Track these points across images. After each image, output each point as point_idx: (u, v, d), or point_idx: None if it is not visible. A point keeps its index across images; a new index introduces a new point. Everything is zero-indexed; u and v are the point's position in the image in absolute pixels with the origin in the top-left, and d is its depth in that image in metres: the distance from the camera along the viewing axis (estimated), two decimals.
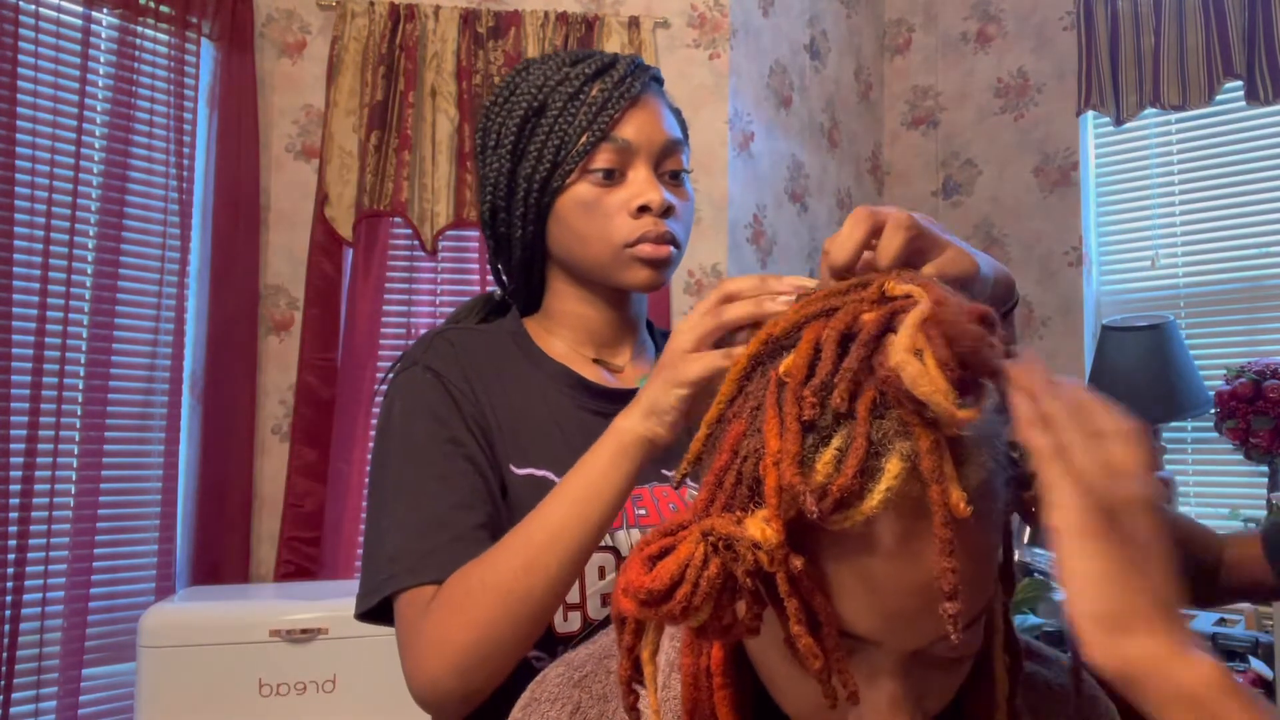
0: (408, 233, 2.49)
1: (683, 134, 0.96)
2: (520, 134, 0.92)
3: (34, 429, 2.03)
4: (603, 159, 0.90)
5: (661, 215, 0.91)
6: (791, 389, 0.46)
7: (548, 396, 0.92)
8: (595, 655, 0.64)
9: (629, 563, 0.45)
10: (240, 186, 2.39)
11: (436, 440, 0.86)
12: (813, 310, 0.51)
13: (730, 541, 0.44)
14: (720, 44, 2.70)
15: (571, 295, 0.96)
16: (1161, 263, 2.79)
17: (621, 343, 0.99)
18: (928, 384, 0.43)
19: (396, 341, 2.49)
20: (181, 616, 1.90)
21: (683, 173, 0.95)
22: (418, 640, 0.77)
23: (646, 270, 0.91)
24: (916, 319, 0.45)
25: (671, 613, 0.43)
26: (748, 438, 0.48)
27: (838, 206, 3.14)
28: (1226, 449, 2.57)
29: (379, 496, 0.87)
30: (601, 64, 0.92)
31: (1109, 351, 2.53)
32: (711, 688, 0.53)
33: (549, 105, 0.91)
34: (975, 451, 0.46)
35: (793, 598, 0.44)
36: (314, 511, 2.37)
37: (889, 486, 0.43)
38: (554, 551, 0.74)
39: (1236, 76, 2.53)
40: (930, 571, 0.44)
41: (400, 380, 0.91)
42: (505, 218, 0.94)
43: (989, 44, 3.13)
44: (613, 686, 0.61)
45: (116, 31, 2.23)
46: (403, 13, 2.47)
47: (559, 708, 0.61)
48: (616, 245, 0.90)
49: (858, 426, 0.44)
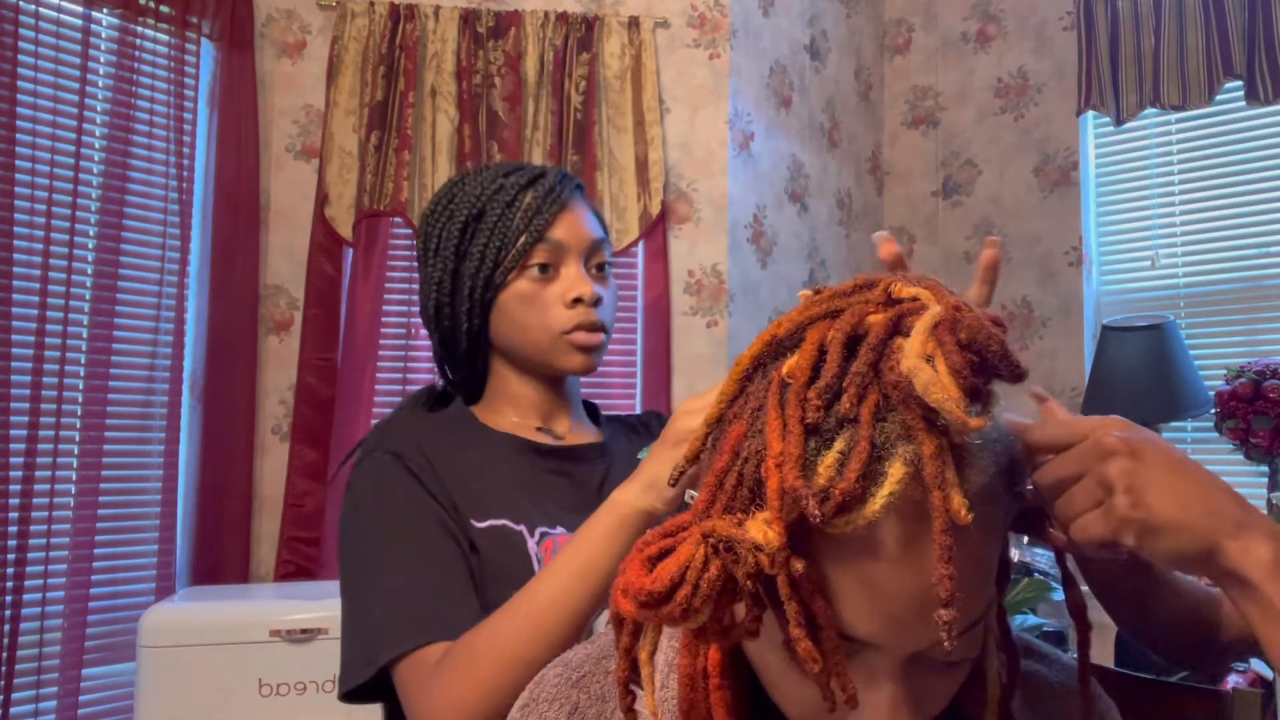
0: (408, 233, 2.49)
1: (604, 232, 1.08)
2: (462, 237, 1.02)
3: (34, 429, 2.03)
4: (539, 257, 1.01)
5: (592, 305, 1.02)
6: (795, 391, 0.46)
7: (501, 460, 1.01)
8: (593, 656, 0.64)
9: (628, 563, 0.45)
10: (240, 186, 2.39)
11: (407, 515, 0.93)
12: (817, 311, 0.51)
13: (731, 543, 0.43)
14: (720, 44, 2.70)
15: (514, 378, 1.06)
16: (1161, 263, 2.79)
17: (561, 414, 1.08)
18: (940, 391, 0.43)
19: (396, 342, 2.49)
20: (181, 616, 1.90)
21: (607, 265, 1.07)
22: (429, 700, 0.82)
23: (580, 356, 1.02)
24: (928, 323, 0.45)
25: (671, 614, 0.43)
26: (749, 439, 0.48)
27: (838, 206, 3.14)
28: (1226, 449, 2.57)
29: (357, 575, 0.93)
30: (532, 175, 1.04)
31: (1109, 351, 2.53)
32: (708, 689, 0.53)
33: (487, 211, 1.02)
34: (977, 456, 0.46)
35: (793, 600, 0.44)
36: (314, 511, 2.37)
37: (891, 491, 0.43)
38: (555, 616, 0.79)
39: (1236, 76, 2.53)
40: (927, 576, 0.44)
41: (363, 467, 0.98)
42: (450, 313, 1.04)
43: (989, 44, 3.13)
44: (610, 687, 0.61)
45: (116, 31, 2.23)
46: (403, 13, 2.47)
47: (557, 708, 0.61)
48: (555, 333, 1.01)
49: (861, 430, 0.44)
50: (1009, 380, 0.46)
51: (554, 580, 0.81)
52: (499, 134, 2.51)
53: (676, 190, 2.66)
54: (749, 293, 2.72)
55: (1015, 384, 0.46)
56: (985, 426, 0.44)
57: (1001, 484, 0.49)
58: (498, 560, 0.94)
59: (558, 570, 0.81)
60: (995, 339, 0.44)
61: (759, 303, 2.77)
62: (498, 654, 0.79)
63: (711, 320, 2.63)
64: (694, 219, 2.66)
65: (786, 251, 2.90)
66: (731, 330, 2.64)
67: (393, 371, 2.48)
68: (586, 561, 0.80)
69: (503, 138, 2.51)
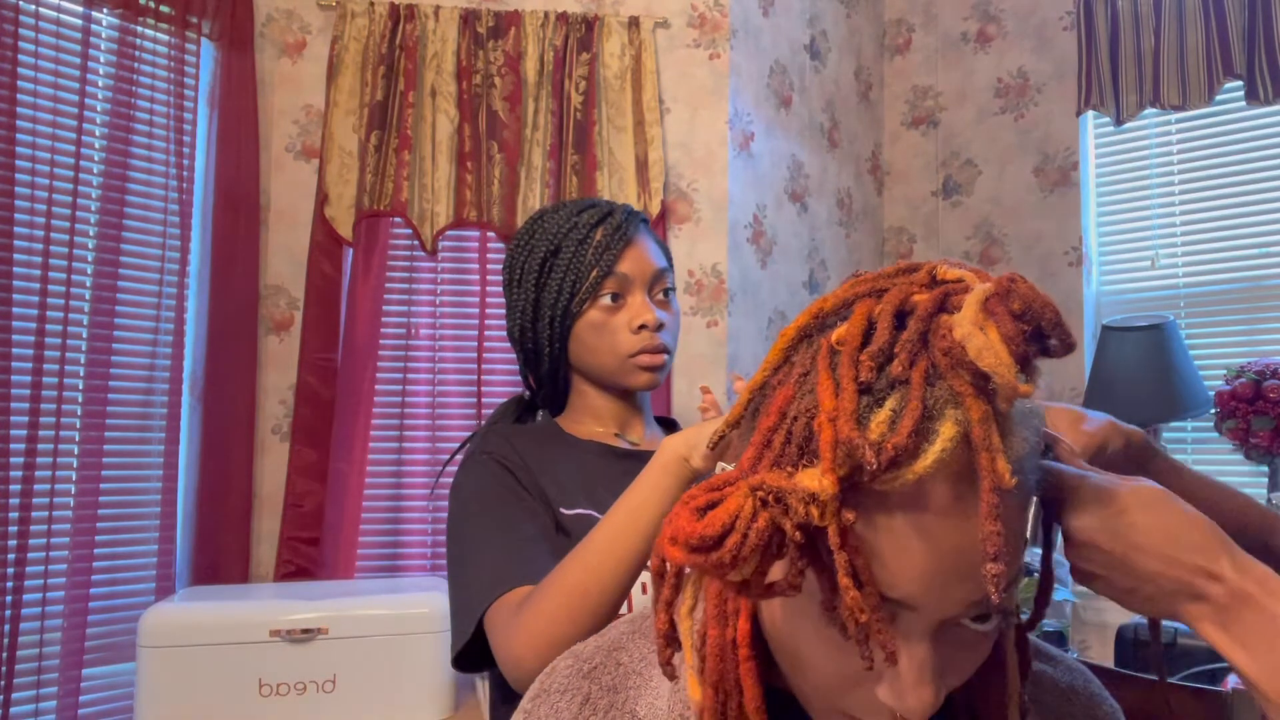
0: (408, 233, 2.49)
1: (668, 261, 1.22)
2: (541, 270, 1.17)
3: (34, 429, 2.03)
4: (609, 288, 1.15)
5: (655, 330, 1.16)
6: (847, 353, 0.48)
7: (584, 462, 1.16)
8: (604, 648, 0.65)
9: (676, 513, 0.46)
10: (240, 186, 2.39)
11: (499, 500, 1.08)
12: (863, 289, 0.52)
13: (782, 495, 0.45)
14: (720, 44, 2.70)
15: (592, 393, 1.22)
16: (1161, 263, 2.79)
17: (635, 423, 1.23)
18: (992, 356, 0.44)
19: (397, 341, 2.49)
20: (181, 616, 1.90)
21: (670, 291, 1.21)
22: (510, 635, 0.93)
23: (645, 374, 1.17)
24: (981, 295, 0.46)
25: (720, 561, 0.44)
26: (797, 399, 0.49)
27: (838, 206, 3.14)
28: (1226, 449, 2.57)
29: (461, 545, 1.06)
30: (603, 213, 1.18)
31: (1109, 351, 2.53)
32: (738, 659, 0.54)
33: (563, 248, 1.16)
34: (1018, 428, 0.48)
35: (843, 550, 0.45)
36: (314, 511, 2.37)
37: (944, 447, 0.44)
38: (608, 551, 0.90)
39: (1236, 76, 2.53)
40: (972, 535, 0.46)
41: (464, 468, 1.13)
42: (533, 336, 1.19)
43: (989, 44, 3.13)
44: (621, 678, 0.62)
45: (116, 31, 2.23)
46: (403, 13, 2.47)
47: (569, 698, 0.62)
48: (622, 356, 1.15)
49: (913, 390, 0.45)
50: (1060, 350, 0.47)
51: (608, 523, 0.91)
52: (499, 134, 2.51)
53: (676, 190, 2.66)
54: (749, 293, 2.72)
55: (1066, 355, 0.48)
56: (1033, 393, 0.46)
57: (1033, 460, 0.51)
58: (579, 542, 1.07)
59: (612, 514, 0.92)
60: (1050, 308, 0.46)
61: (759, 303, 2.77)
62: (559, 587, 0.90)
63: (711, 320, 2.63)
64: (694, 219, 2.66)
65: (786, 251, 2.90)
66: (731, 330, 2.64)
67: (393, 371, 2.48)
68: (636, 504, 0.90)
69: (503, 138, 2.51)
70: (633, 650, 0.64)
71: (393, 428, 2.48)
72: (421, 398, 2.51)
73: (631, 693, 0.61)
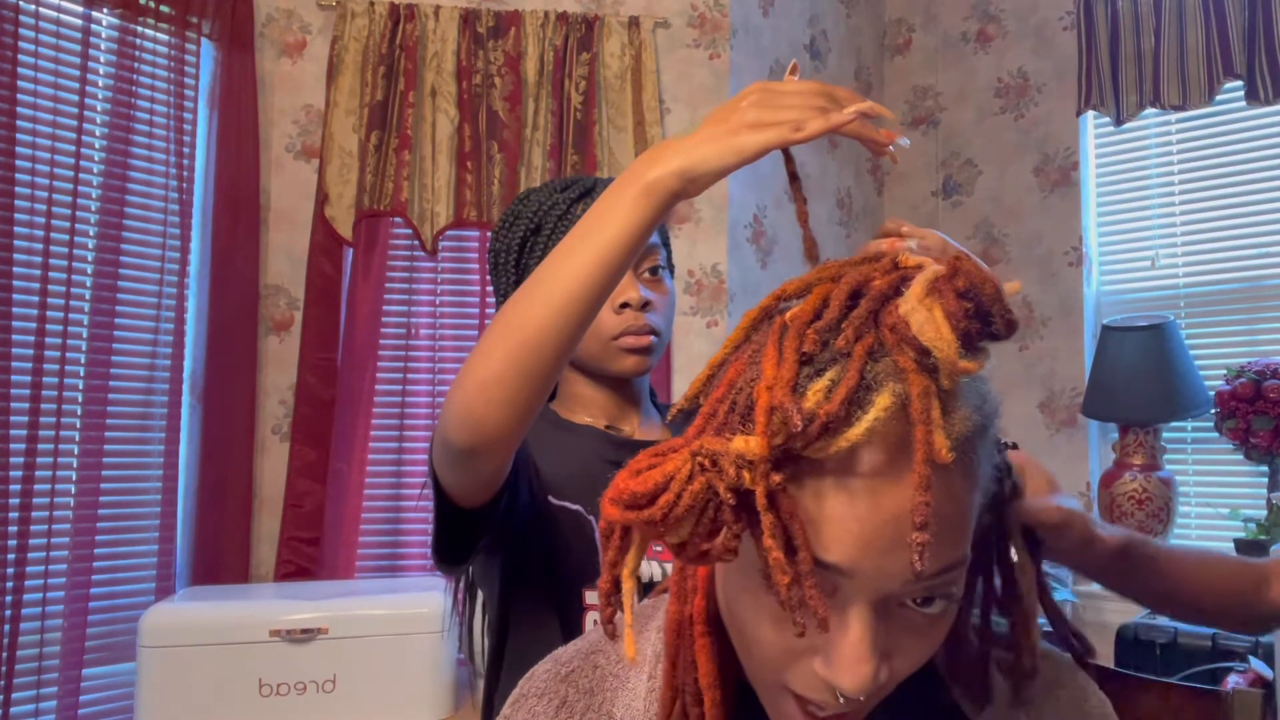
0: (408, 233, 2.49)
1: (660, 237, 1.13)
2: (522, 250, 1.09)
3: (34, 429, 2.03)
4: None
5: (641, 309, 1.06)
6: (795, 327, 0.49)
7: (577, 449, 1.08)
8: (582, 652, 0.66)
9: (619, 476, 0.47)
10: (240, 186, 2.39)
11: None
12: (826, 274, 0.54)
13: (716, 458, 0.45)
14: (720, 44, 2.70)
15: (581, 381, 1.13)
16: (1161, 263, 2.79)
17: (627, 413, 1.14)
18: (934, 331, 0.45)
19: (397, 342, 2.49)
20: (181, 616, 1.90)
21: (661, 269, 1.10)
22: (451, 392, 0.79)
23: (632, 358, 1.07)
24: (930, 275, 0.47)
25: (652, 518, 0.45)
26: (745, 372, 0.50)
27: (838, 206, 3.14)
28: (1226, 449, 2.57)
29: None
30: (585, 188, 1.10)
31: (1109, 351, 2.53)
32: (693, 635, 0.55)
33: (543, 226, 1.08)
34: (963, 406, 0.48)
35: (769, 513, 0.45)
36: (314, 511, 2.37)
37: (876, 417, 0.45)
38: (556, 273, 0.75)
39: (1236, 76, 2.53)
40: (905, 506, 0.46)
41: None
42: None
43: (989, 44, 3.13)
44: (598, 680, 0.64)
45: (116, 31, 2.23)
46: (403, 13, 2.47)
47: (546, 702, 0.63)
48: (604, 338, 1.06)
49: (852, 362, 0.46)
50: (1002, 331, 0.48)
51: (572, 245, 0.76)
52: (499, 134, 2.51)
53: None
54: (749, 292, 2.72)
55: (1008, 335, 0.49)
56: (974, 371, 0.46)
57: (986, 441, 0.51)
58: (566, 539, 1.02)
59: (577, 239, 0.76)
60: (990, 283, 0.47)
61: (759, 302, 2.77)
62: (503, 323, 0.76)
63: (711, 320, 2.63)
64: (694, 219, 2.66)
65: (786, 251, 2.90)
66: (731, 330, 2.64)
67: (393, 371, 2.48)
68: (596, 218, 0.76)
69: (503, 138, 2.51)
70: (610, 653, 0.65)
71: (393, 428, 2.48)
72: (421, 398, 2.51)
73: (609, 695, 0.63)
